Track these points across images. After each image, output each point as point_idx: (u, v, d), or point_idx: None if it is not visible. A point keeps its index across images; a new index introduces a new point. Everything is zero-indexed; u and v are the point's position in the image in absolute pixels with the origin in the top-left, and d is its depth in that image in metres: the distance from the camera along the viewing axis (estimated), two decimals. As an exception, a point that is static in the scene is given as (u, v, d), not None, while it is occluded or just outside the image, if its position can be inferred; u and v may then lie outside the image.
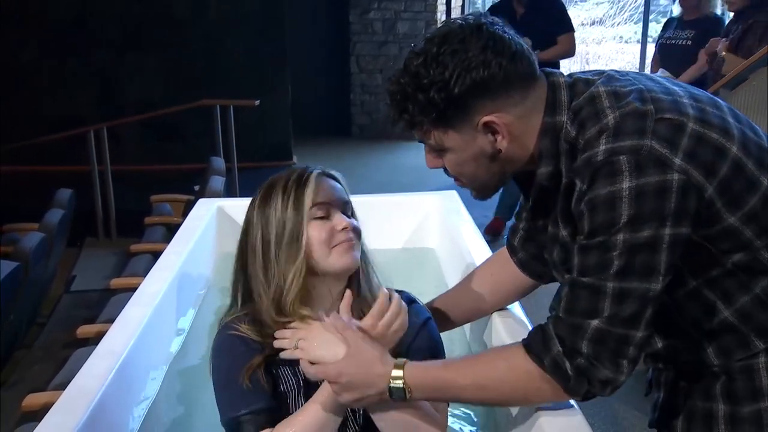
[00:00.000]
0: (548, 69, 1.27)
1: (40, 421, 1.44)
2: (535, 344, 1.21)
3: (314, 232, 1.35)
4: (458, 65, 1.16)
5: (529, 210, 1.38)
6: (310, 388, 1.36)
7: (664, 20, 6.15)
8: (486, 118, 1.19)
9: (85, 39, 6.12)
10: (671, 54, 4.65)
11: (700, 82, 4.61)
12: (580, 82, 1.23)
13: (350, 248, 1.38)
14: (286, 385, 1.38)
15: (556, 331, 1.18)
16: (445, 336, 1.90)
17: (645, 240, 1.08)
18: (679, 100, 1.16)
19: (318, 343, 1.28)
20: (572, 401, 1.41)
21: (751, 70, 4.57)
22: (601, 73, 1.25)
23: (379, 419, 1.32)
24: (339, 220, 1.37)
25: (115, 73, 6.30)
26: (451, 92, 1.16)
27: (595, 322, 1.13)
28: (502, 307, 1.72)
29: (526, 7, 4.51)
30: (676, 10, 6.23)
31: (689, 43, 4.56)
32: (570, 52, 4.70)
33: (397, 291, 1.51)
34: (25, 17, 6.07)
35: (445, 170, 1.30)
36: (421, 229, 2.86)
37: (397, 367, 1.24)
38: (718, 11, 4.73)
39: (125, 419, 1.70)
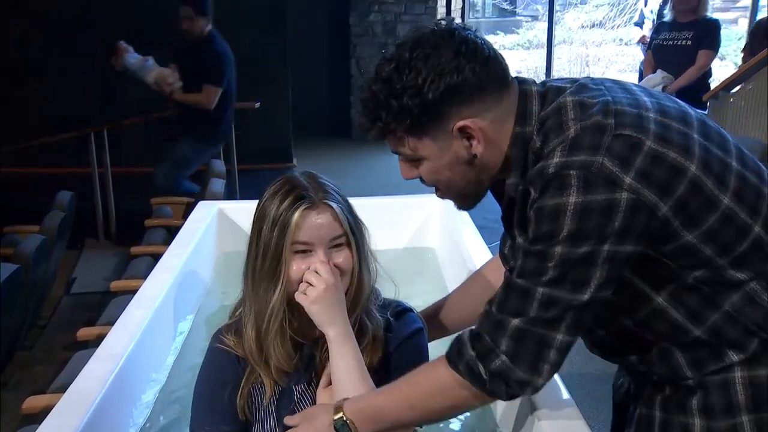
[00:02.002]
0: (521, 77, 1.26)
1: (40, 423, 1.45)
2: (451, 353, 1.22)
3: (294, 266, 1.33)
4: (431, 70, 1.14)
5: (502, 220, 1.36)
6: (282, 402, 1.39)
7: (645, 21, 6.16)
8: (461, 123, 1.18)
9: (86, 39, 6.12)
10: (669, 55, 4.68)
11: (699, 84, 4.62)
12: (551, 91, 1.22)
13: None
14: (260, 393, 1.40)
15: (481, 326, 1.19)
16: (444, 341, 1.91)
17: (581, 255, 1.09)
18: (644, 114, 1.14)
19: None
20: (569, 397, 1.42)
21: (750, 72, 4.58)
22: (574, 81, 1.24)
23: None
24: (317, 258, 1.33)
25: (115, 73, 6.30)
26: (425, 98, 1.15)
27: (516, 321, 1.14)
28: None
29: (192, 48, 4.51)
30: (656, 12, 6.23)
31: (689, 43, 4.59)
32: (207, 105, 4.49)
33: (391, 301, 1.52)
34: (26, 18, 6.07)
35: (422, 180, 1.28)
36: (422, 230, 2.86)
37: (337, 408, 1.29)
38: (710, 14, 4.78)
39: (125, 422, 1.70)
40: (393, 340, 1.43)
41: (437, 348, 1.51)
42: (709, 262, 1.14)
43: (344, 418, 1.27)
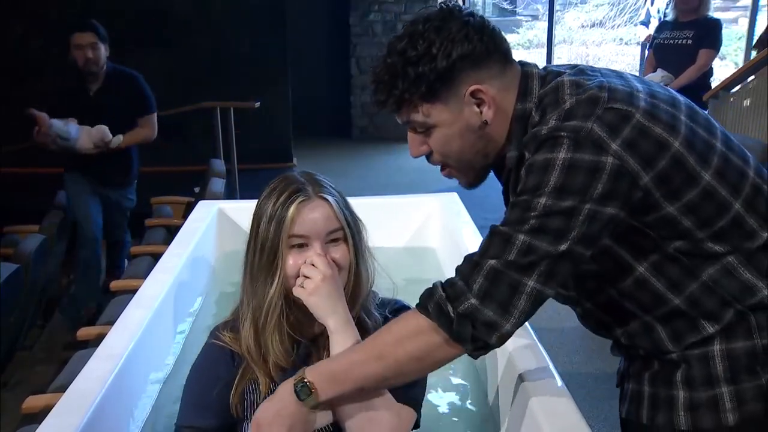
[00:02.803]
0: (523, 60, 1.34)
1: (40, 422, 1.45)
2: (422, 297, 1.25)
3: (291, 261, 1.33)
4: (444, 38, 1.22)
5: (503, 195, 1.40)
6: None
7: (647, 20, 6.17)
8: (473, 87, 1.25)
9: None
10: (670, 54, 4.68)
11: (700, 84, 4.62)
12: (551, 74, 1.29)
13: None
14: (254, 391, 1.39)
15: (459, 269, 1.22)
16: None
17: (563, 208, 1.14)
18: (635, 93, 1.21)
19: None
20: (569, 396, 1.42)
21: (751, 72, 4.58)
22: (574, 66, 1.31)
23: (339, 411, 1.32)
24: (314, 251, 1.33)
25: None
26: (439, 64, 1.22)
27: (493, 262, 1.18)
28: None
29: (102, 83, 3.79)
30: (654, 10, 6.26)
31: (689, 42, 4.59)
32: (153, 136, 3.94)
33: (389, 300, 1.52)
34: (26, 18, 6.07)
35: (428, 158, 1.33)
36: (423, 230, 2.86)
37: (299, 374, 1.28)
38: (711, 13, 4.78)
39: (125, 421, 1.70)
40: None
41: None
42: (688, 234, 1.20)
43: (304, 380, 1.25)
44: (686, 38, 4.62)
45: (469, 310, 1.18)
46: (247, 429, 1.38)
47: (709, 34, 4.60)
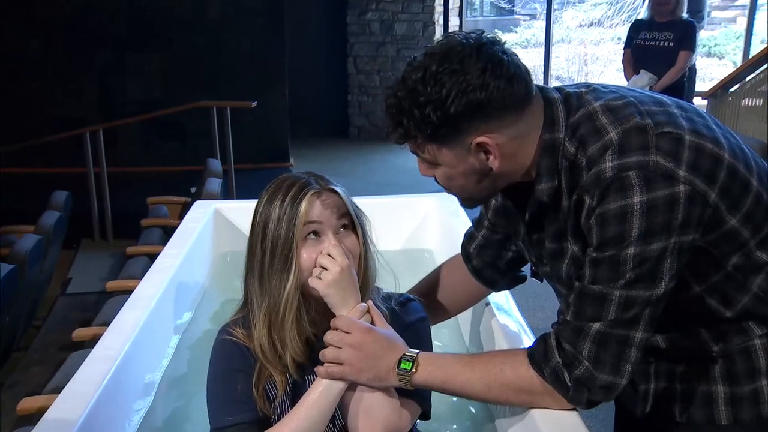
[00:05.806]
0: (540, 85, 1.29)
1: (35, 424, 1.44)
2: (537, 355, 1.26)
3: (305, 253, 1.33)
4: (456, 86, 1.17)
5: (525, 224, 1.39)
6: (296, 394, 1.36)
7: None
8: (478, 140, 1.21)
9: (84, 39, 6.12)
10: (652, 55, 4.75)
11: (679, 83, 4.67)
12: (571, 97, 1.26)
13: None
14: (273, 389, 1.38)
15: (560, 335, 1.23)
16: (444, 340, 1.89)
17: (655, 252, 1.14)
18: (670, 111, 1.21)
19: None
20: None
21: (749, 72, 4.58)
22: (587, 86, 1.29)
23: (342, 400, 1.34)
24: (328, 242, 1.35)
25: (114, 73, 6.30)
26: (447, 111, 1.18)
27: (597, 325, 1.18)
28: (454, 314, 1.76)
29: None
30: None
31: (671, 44, 4.66)
32: None
33: (394, 293, 1.51)
34: (25, 18, 6.06)
35: (437, 180, 1.33)
36: (420, 230, 2.86)
37: (411, 351, 1.33)
38: (685, 15, 4.85)
39: (121, 423, 1.69)
40: (397, 327, 1.42)
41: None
42: (744, 245, 1.21)
43: (413, 360, 1.30)
44: (667, 40, 4.69)
45: (585, 376, 1.21)
46: (276, 407, 1.36)
47: (687, 37, 4.70)
